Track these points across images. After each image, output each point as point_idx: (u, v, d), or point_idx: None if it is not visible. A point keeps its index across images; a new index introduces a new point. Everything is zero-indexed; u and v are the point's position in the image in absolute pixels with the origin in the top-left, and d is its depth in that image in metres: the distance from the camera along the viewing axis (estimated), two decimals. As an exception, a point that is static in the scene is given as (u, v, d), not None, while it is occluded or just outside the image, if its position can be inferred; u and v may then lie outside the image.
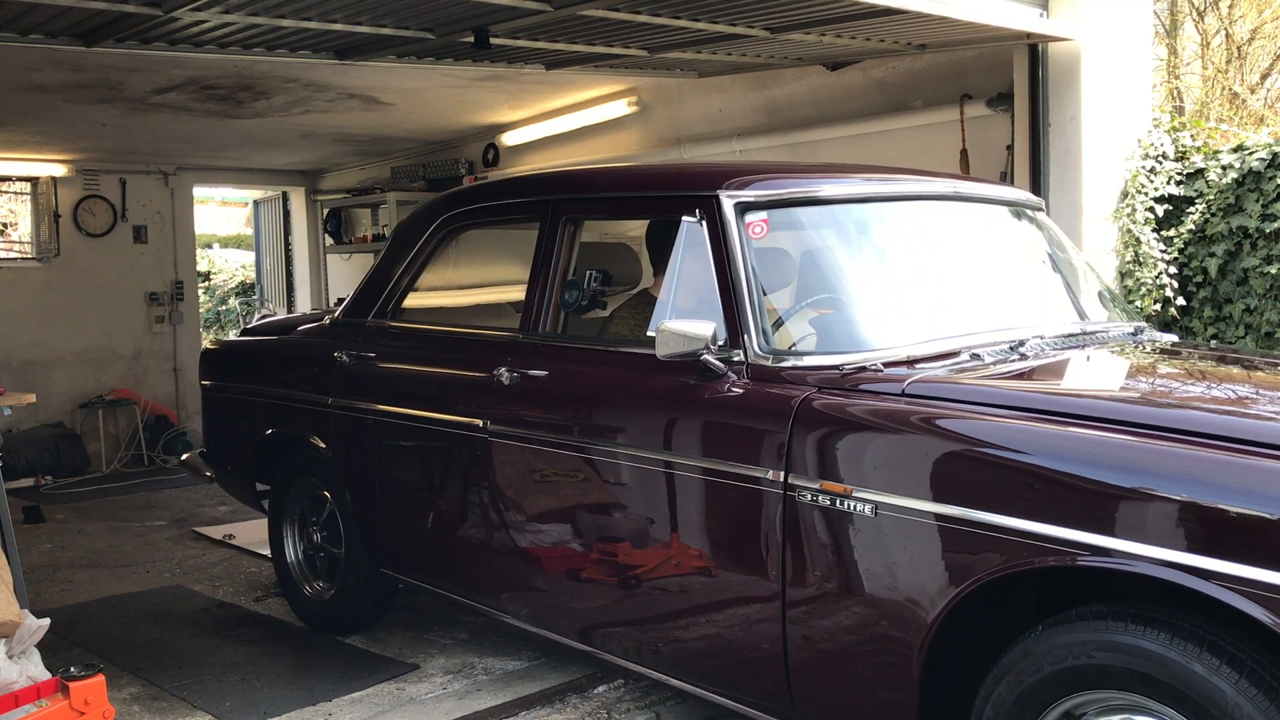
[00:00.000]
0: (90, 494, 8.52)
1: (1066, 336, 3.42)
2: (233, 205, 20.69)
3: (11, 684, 3.06)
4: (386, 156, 10.71)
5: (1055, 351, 3.25)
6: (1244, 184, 5.41)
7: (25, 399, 4.95)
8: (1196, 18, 11.75)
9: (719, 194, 3.28)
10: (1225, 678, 2.21)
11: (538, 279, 3.80)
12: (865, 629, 2.80)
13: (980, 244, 3.90)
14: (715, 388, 3.13)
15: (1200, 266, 5.55)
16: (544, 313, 3.75)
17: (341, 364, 4.48)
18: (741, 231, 3.22)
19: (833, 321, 3.27)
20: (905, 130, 6.50)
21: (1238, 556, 2.19)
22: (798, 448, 2.89)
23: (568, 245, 3.77)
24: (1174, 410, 2.66)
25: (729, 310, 3.17)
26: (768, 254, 3.35)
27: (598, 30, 5.57)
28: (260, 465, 5.05)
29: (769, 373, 3.07)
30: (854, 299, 3.37)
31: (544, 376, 3.68)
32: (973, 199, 3.85)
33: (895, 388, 2.87)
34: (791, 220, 3.46)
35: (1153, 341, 3.66)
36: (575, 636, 3.70)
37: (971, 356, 3.09)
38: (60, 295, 10.20)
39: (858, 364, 3.02)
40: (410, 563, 4.40)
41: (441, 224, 4.37)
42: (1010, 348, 3.17)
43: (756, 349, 3.11)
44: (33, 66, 6.30)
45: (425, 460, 4.18)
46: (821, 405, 2.91)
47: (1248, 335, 5.39)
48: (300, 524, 4.94)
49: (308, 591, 4.91)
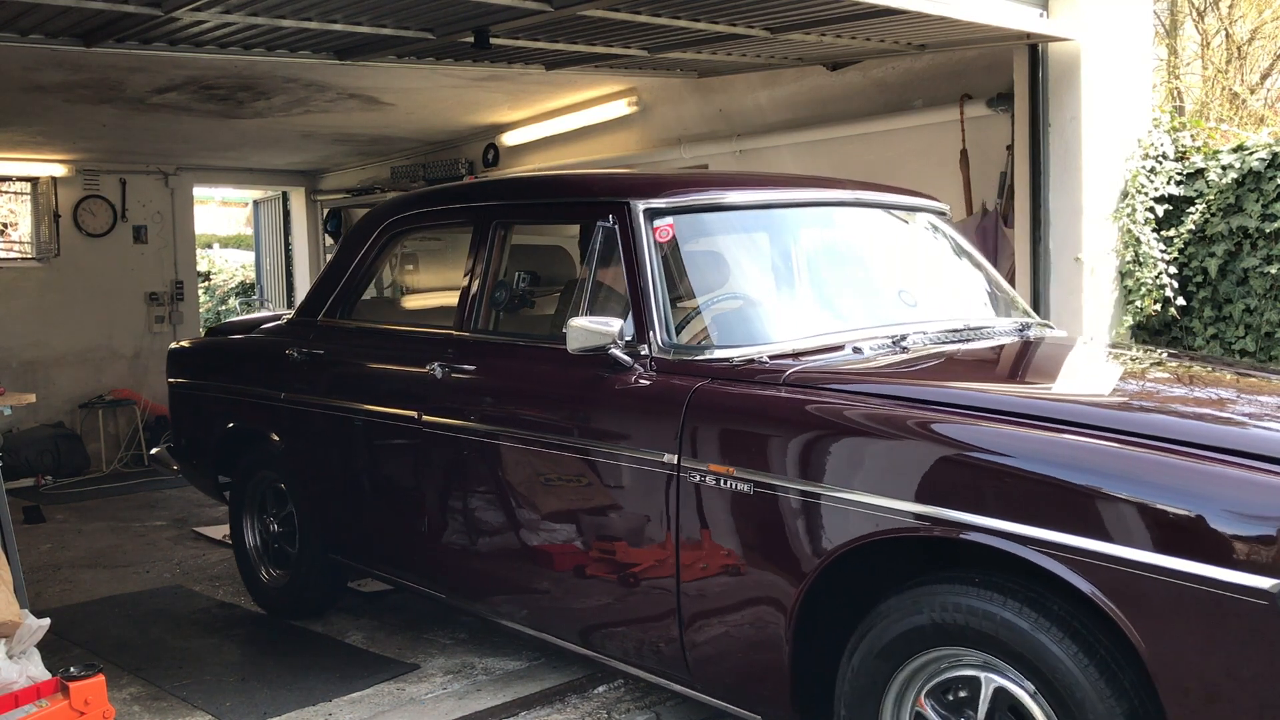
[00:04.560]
0: (90, 494, 8.53)
1: (950, 332, 3.64)
2: (233, 205, 20.68)
3: (11, 684, 3.06)
4: (386, 156, 10.71)
5: (934, 345, 3.50)
6: (1244, 184, 5.41)
7: (25, 399, 4.95)
8: (1196, 18, 11.75)
9: (630, 201, 3.55)
10: (1050, 635, 2.47)
11: (470, 280, 4.08)
12: (745, 598, 3.06)
13: (879, 247, 4.21)
14: (624, 379, 3.39)
15: (1200, 266, 5.54)
16: (476, 311, 4.03)
17: (292, 361, 4.73)
18: (649, 235, 3.50)
19: (733, 318, 3.56)
20: (905, 130, 6.50)
21: (1052, 525, 2.45)
22: (689, 433, 3.16)
23: (498, 248, 4.05)
24: (1002, 396, 2.94)
25: (636, 307, 3.44)
26: (680, 256, 3.62)
27: (598, 30, 5.57)
28: (222, 459, 5.27)
29: (671, 365, 3.34)
30: (752, 298, 3.68)
31: (472, 370, 3.95)
32: (875, 206, 4.13)
33: (776, 378, 3.15)
34: (700, 225, 3.74)
35: (1034, 335, 3.88)
36: (501, 612, 3.97)
37: (854, 350, 3.36)
38: (60, 295, 10.20)
39: (749, 357, 3.28)
40: (355, 549, 4.65)
41: (385, 229, 4.66)
42: (893, 342, 3.43)
43: (660, 343, 3.38)
44: (33, 66, 6.29)
45: (367, 451, 4.40)
46: (710, 394, 3.19)
47: (1248, 335, 5.39)
48: (259, 515, 5.16)
49: (264, 578, 5.14)
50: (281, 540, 5.04)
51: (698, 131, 7.68)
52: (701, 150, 7.61)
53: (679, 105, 7.77)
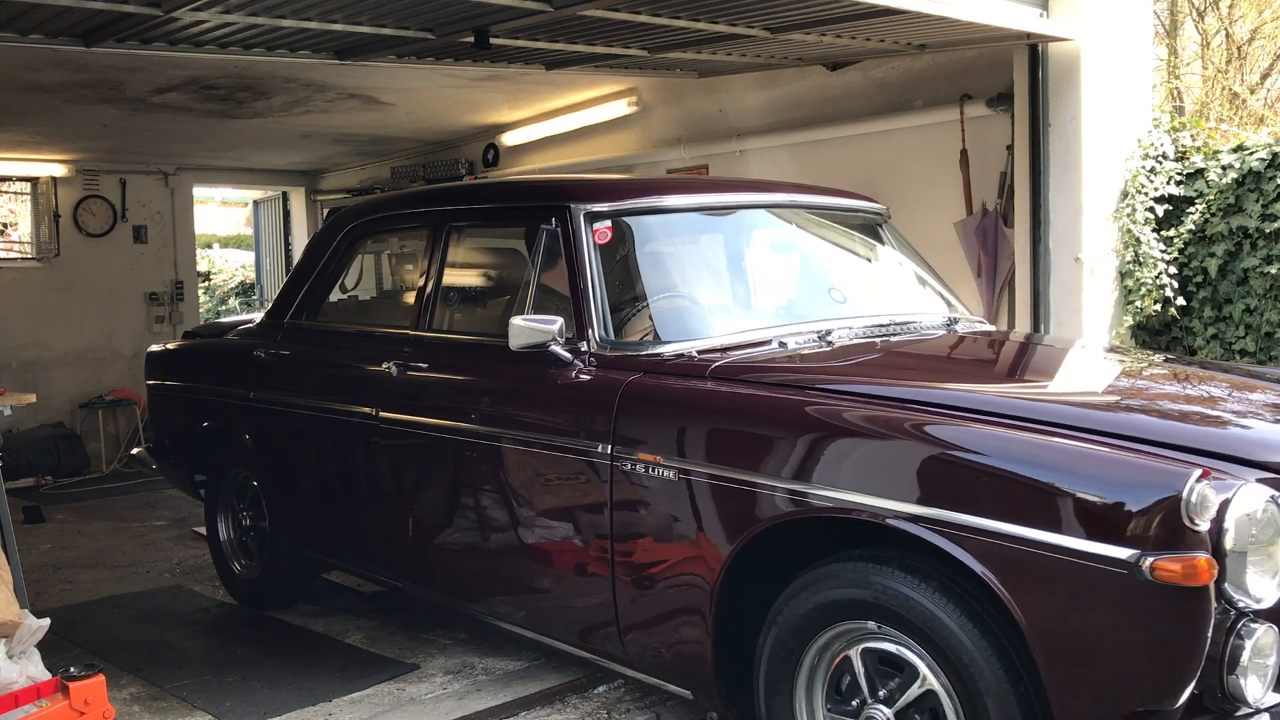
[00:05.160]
0: (90, 494, 8.52)
1: (876, 327, 3.82)
2: (233, 205, 20.67)
3: (11, 684, 3.06)
4: (386, 156, 10.71)
5: (860, 339, 3.69)
6: (1244, 184, 5.41)
7: (25, 399, 4.94)
8: (1196, 18, 11.74)
9: (571, 205, 3.73)
10: (939, 604, 2.65)
11: (425, 281, 4.25)
12: (673, 580, 3.25)
13: (812, 248, 4.41)
14: (565, 374, 3.55)
15: (1200, 266, 5.54)
16: (430, 311, 4.20)
17: (260, 361, 4.91)
18: (589, 237, 3.67)
19: (668, 316, 3.74)
20: (905, 130, 6.50)
21: (935, 503, 2.63)
22: (621, 423, 3.34)
23: (451, 251, 4.23)
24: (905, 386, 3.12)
25: (576, 305, 3.62)
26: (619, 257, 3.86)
27: (598, 30, 5.57)
28: (197, 457, 5.42)
29: (609, 360, 3.52)
30: (688, 296, 3.90)
31: (425, 368, 4.12)
32: (810, 208, 4.32)
33: (702, 371, 3.35)
34: (638, 228, 3.94)
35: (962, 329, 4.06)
36: (455, 599, 4.20)
37: (779, 344, 3.55)
38: (60, 295, 10.20)
39: (679, 352, 3.47)
40: (321, 542, 4.83)
41: (348, 233, 4.87)
42: (819, 336, 3.63)
43: (598, 340, 3.56)
44: (33, 66, 6.30)
45: (328, 447, 4.56)
46: (641, 387, 3.37)
47: (1248, 335, 5.39)
48: (232, 510, 5.32)
49: (237, 570, 5.30)
50: (253, 534, 5.21)
51: (698, 131, 7.68)
52: (701, 150, 7.61)
53: (679, 105, 7.77)
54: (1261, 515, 2.41)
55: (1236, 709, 2.45)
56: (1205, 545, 2.33)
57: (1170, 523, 2.32)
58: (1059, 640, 2.46)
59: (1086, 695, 2.46)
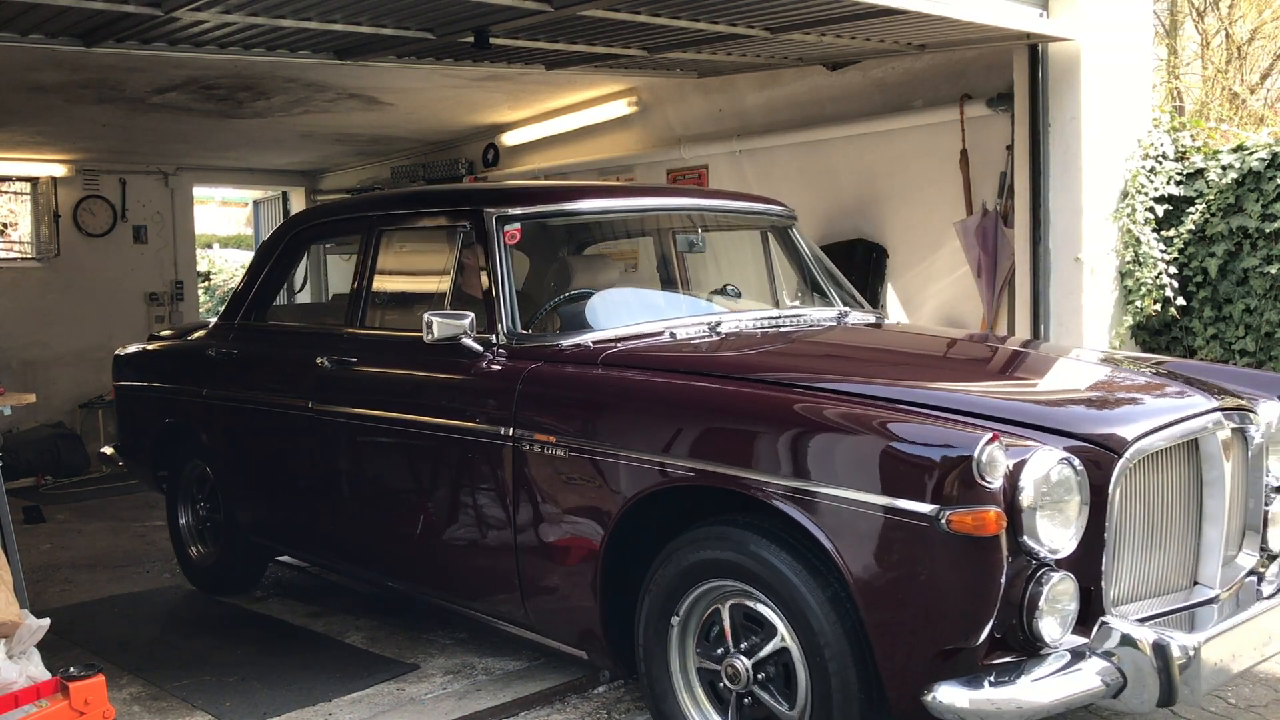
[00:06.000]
0: (90, 494, 8.52)
1: (765, 319, 4.19)
2: (233, 205, 20.66)
3: (11, 684, 3.06)
4: (386, 156, 10.71)
5: (746, 331, 4.04)
6: (1244, 184, 5.41)
7: (25, 399, 4.94)
8: (1196, 18, 11.75)
9: (484, 210, 4.05)
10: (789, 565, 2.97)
11: (358, 282, 4.55)
12: (565, 550, 3.56)
13: (716, 248, 4.78)
14: (476, 365, 3.86)
15: (1200, 266, 5.54)
16: (361, 309, 4.50)
17: (212, 360, 5.22)
18: (499, 239, 3.98)
19: (572, 310, 4.07)
20: (905, 130, 6.50)
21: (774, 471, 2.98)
22: (520, 407, 3.66)
23: (381, 253, 4.52)
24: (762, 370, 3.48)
25: (488, 301, 3.92)
26: (529, 256, 4.34)
27: (598, 30, 5.57)
28: (159, 453, 5.72)
29: (515, 351, 3.83)
30: (591, 292, 4.19)
31: (355, 362, 4.40)
32: (713, 210, 4.68)
33: (594, 358, 3.69)
34: (547, 230, 4.42)
35: (852, 321, 4.39)
36: (384, 574, 4.53)
37: (670, 335, 3.88)
38: (60, 295, 10.20)
39: (577, 342, 3.81)
40: (268, 529, 5.10)
41: (292, 238, 5.22)
42: (709, 328, 3.96)
43: (505, 332, 3.86)
44: (33, 66, 6.30)
45: (270, 439, 4.88)
46: (539, 374, 3.70)
47: (1248, 335, 5.39)
48: (190, 501, 5.62)
49: (194, 556, 5.60)
50: (209, 523, 5.52)
51: (698, 131, 7.68)
52: (701, 150, 7.62)
53: (679, 105, 7.77)
54: (1055, 476, 2.73)
55: (1038, 648, 2.76)
56: (998, 501, 2.66)
57: (964, 480, 2.65)
58: (878, 590, 2.80)
59: (902, 638, 2.80)
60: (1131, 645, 2.76)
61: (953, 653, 2.74)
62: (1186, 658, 2.76)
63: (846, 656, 2.90)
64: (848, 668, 2.90)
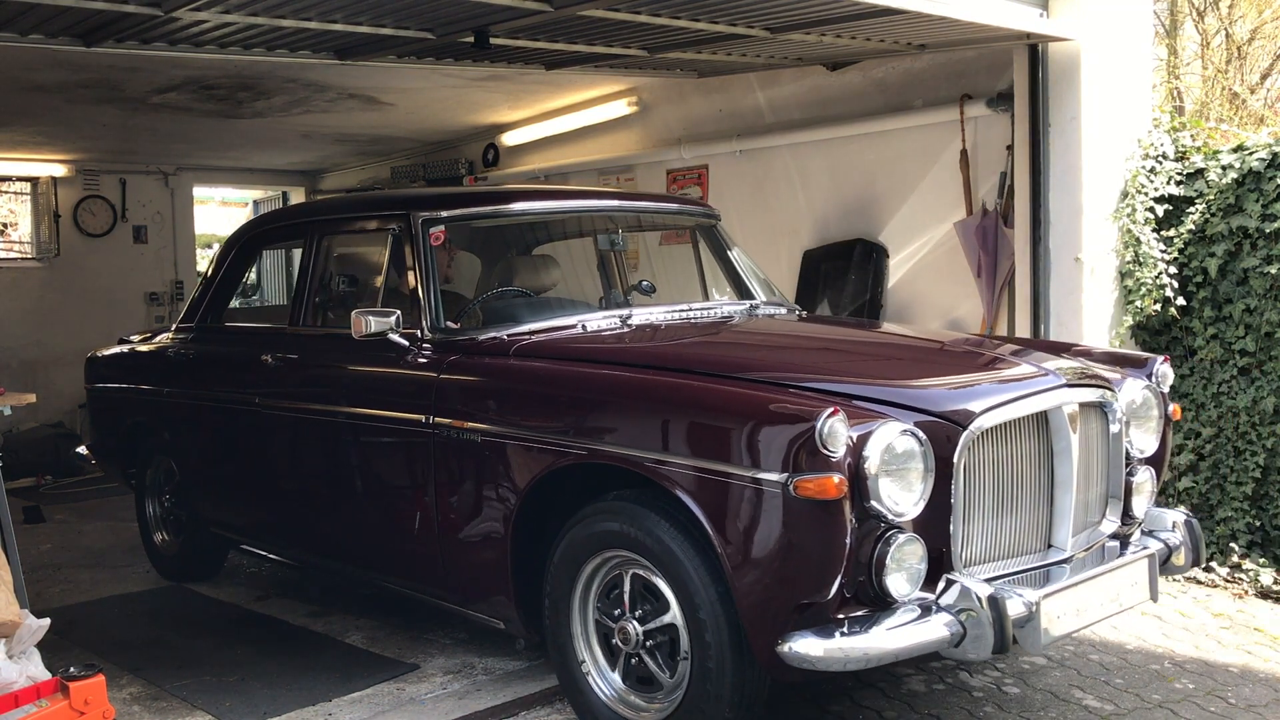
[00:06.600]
0: (90, 494, 8.51)
1: (676, 312, 4.43)
2: (233, 205, 20.63)
3: (11, 684, 3.06)
4: (386, 156, 10.72)
5: (658, 323, 4.30)
6: (1244, 184, 5.41)
7: (25, 399, 4.94)
8: (1196, 18, 11.75)
9: (411, 213, 4.31)
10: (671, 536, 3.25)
11: (301, 282, 4.81)
12: (480, 529, 3.85)
13: (636, 246, 5.13)
14: (404, 359, 4.12)
15: (1200, 266, 5.54)
16: (304, 309, 4.76)
17: (171, 361, 5.55)
18: (425, 240, 4.23)
19: (493, 306, 4.39)
20: (905, 130, 6.50)
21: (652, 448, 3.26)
22: (438, 397, 3.94)
23: (322, 255, 4.80)
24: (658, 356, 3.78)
25: (415, 298, 4.17)
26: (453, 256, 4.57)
27: (598, 30, 5.57)
28: (127, 451, 6.01)
29: (438, 345, 4.09)
30: (511, 289, 4.57)
31: (296, 359, 4.69)
32: (635, 212, 4.97)
33: (507, 349, 3.97)
34: (472, 232, 4.70)
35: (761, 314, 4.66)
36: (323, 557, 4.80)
37: (583, 328, 4.14)
38: (60, 295, 10.20)
39: (494, 335, 4.07)
40: (221, 519, 5.38)
41: (246, 243, 5.54)
42: (621, 321, 4.22)
43: (430, 328, 4.10)
44: (33, 66, 6.30)
45: (223, 434, 5.16)
46: (456, 366, 3.97)
47: (1248, 335, 5.39)
48: (157, 495, 5.90)
49: (159, 544, 5.90)
50: (173, 516, 5.79)
51: (698, 131, 7.68)
52: (702, 150, 7.62)
53: (679, 105, 7.77)
54: (899, 446, 3.03)
55: (889, 603, 3.06)
56: (841, 469, 2.95)
57: (810, 449, 2.94)
58: (742, 553, 3.07)
59: (762, 595, 3.07)
60: (970, 599, 3.05)
61: (807, 606, 3.01)
62: (1028, 611, 3.07)
63: (722, 628, 3.16)
64: (723, 641, 3.16)
